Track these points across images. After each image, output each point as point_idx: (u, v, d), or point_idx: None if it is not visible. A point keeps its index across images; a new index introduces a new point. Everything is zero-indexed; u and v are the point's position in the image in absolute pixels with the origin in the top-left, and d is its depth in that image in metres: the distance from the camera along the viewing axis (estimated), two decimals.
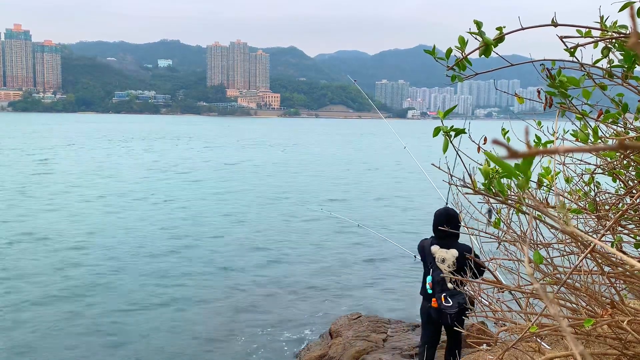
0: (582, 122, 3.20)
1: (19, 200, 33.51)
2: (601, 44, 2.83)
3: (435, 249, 7.15)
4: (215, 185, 43.19)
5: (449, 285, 6.86)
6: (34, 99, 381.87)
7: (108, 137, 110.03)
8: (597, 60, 2.89)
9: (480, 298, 4.07)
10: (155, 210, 31.38)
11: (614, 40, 2.78)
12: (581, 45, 2.80)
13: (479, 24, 2.65)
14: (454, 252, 7.02)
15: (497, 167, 2.72)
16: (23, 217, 28.21)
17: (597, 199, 3.58)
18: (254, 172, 53.84)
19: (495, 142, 0.77)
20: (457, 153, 3.05)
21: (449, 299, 6.81)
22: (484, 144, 3.03)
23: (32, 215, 28.70)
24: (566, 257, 3.69)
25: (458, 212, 4.86)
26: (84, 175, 46.72)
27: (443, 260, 7.05)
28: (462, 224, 4.84)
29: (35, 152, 68.82)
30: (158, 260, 20.92)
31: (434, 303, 7.00)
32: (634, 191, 3.20)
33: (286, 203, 35.28)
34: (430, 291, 7.09)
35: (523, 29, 2.66)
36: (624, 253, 2.91)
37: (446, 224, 6.62)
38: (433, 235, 7.43)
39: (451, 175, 3.28)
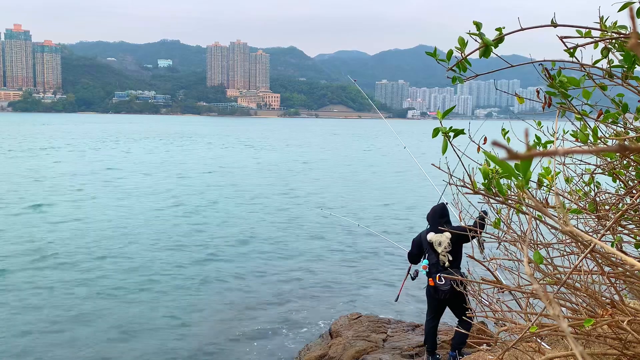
0: (582, 123, 3.20)
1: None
2: (601, 45, 2.83)
3: (430, 236, 8.21)
4: (215, 185, 43.24)
5: (446, 265, 8.03)
6: (34, 99, 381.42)
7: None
8: (597, 61, 2.89)
9: (480, 298, 4.07)
10: (157, 210, 31.40)
11: (613, 41, 2.78)
12: (581, 46, 2.80)
13: (478, 25, 2.65)
14: (447, 235, 8.07)
15: (496, 167, 2.72)
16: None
17: (597, 199, 3.59)
18: (256, 172, 53.88)
19: (495, 143, 0.77)
20: (456, 153, 3.05)
21: (442, 278, 7.98)
22: (484, 143, 3.03)
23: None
24: (566, 257, 3.69)
25: (457, 210, 5.01)
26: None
27: (439, 244, 8.11)
28: (462, 223, 4.87)
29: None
30: (157, 257, 20.93)
31: (430, 282, 8.17)
32: (634, 191, 3.21)
33: (286, 203, 35.29)
34: (424, 272, 8.24)
35: (522, 29, 2.67)
36: (624, 253, 2.91)
37: (441, 216, 8.17)
38: (429, 227, 8.47)
39: (451, 175, 3.29)
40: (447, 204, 8.33)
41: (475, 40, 2.64)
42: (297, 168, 58.50)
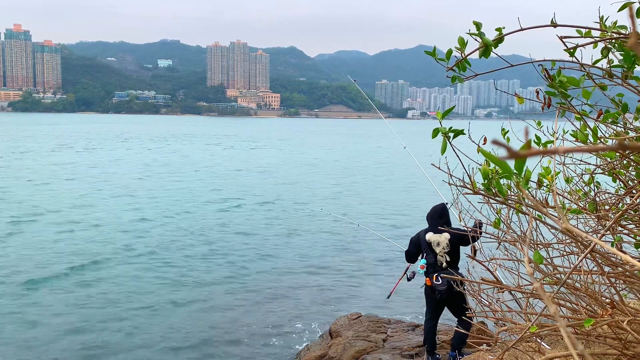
0: (582, 122, 3.20)
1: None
2: (601, 44, 2.83)
3: (429, 235, 8.22)
4: (214, 186, 43.24)
5: (444, 265, 8.04)
6: (34, 99, 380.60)
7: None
8: (597, 61, 2.88)
9: (480, 298, 4.07)
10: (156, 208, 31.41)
11: (613, 41, 2.78)
12: (581, 46, 2.80)
13: (478, 25, 2.65)
14: (446, 235, 8.07)
15: (496, 167, 2.72)
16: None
17: (597, 199, 3.58)
18: (255, 173, 53.87)
19: (495, 142, 0.77)
20: (456, 153, 3.05)
21: (439, 278, 7.97)
22: (484, 144, 3.02)
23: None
24: (566, 257, 3.69)
25: (457, 210, 5.00)
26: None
27: (438, 244, 8.12)
28: (462, 223, 4.86)
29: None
30: (157, 258, 20.92)
31: (427, 282, 8.16)
32: (634, 191, 3.21)
33: (286, 203, 35.28)
34: (422, 272, 8.24)
35: (522, 29, 2.66)
36: (624, 253, 2.91)
37: (440, 217, 8.19)
38: (428, 226, 8.45)
39: (451, 176, 3.28)
40: (447, 204, 8.30)
41: (476, 40, 2.64)
42: (299, 168, 58.49)
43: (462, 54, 2.72)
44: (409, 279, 8.83)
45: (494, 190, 2.78)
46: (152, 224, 27.40)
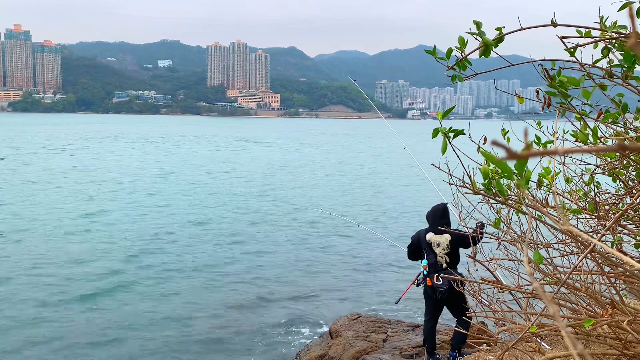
0: (582, 123, 3.20)
1: None
2: (601, 44, 2.83)
3: (430, 236, 8.22)
4: (214, 185, 43.24)
5: (444, 266, 8.04)
6: (34, 99, 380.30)
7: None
8: (597, 60, 2.88)
9: (480, 298, 4.07)
10: (148, 206, 31.41)
11: (613, 41, 2.77)
12: (581, 46, 2.80)
13: (478, 24, 2.65)
14: (447, 237, 8.07)
15: (496, 167, 2.72)
16: None
17: (597, 199, 3.58)
18: (255, 173, 53.88)
19: (494, 143, 0.77)
20: (456, 153, 3.05)
21: (440, 278, 7.99)
22: (484, 143, 3.02)
23: None
24: (566, 257, 3.69)
25: (457, 210, 5.01)
26: None
27: (438, 245, 8.12)
28: (462, 223, 4.87)
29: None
30: (156, 258, 20.92)
31: (428, 282, 8.16)
32: (634, 191, 3.20)
33: (287, 203, 35.28)
34: (425, 272, 8.18)
35: (523, 29, 2.66)
36: (624, 253, 2.91)
37: (442, 217, 8.17)
38: (428, 226, 8.44)
39: (451, 175, 3.28)
40: (447, 204, 8.29)
41: (476, 39, 2.64)
42: (296, 168, 58.48)
43: (462, 53, 2.72)
44: (417, 285, 8.80)
45: (494, 190, 2.78)
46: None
